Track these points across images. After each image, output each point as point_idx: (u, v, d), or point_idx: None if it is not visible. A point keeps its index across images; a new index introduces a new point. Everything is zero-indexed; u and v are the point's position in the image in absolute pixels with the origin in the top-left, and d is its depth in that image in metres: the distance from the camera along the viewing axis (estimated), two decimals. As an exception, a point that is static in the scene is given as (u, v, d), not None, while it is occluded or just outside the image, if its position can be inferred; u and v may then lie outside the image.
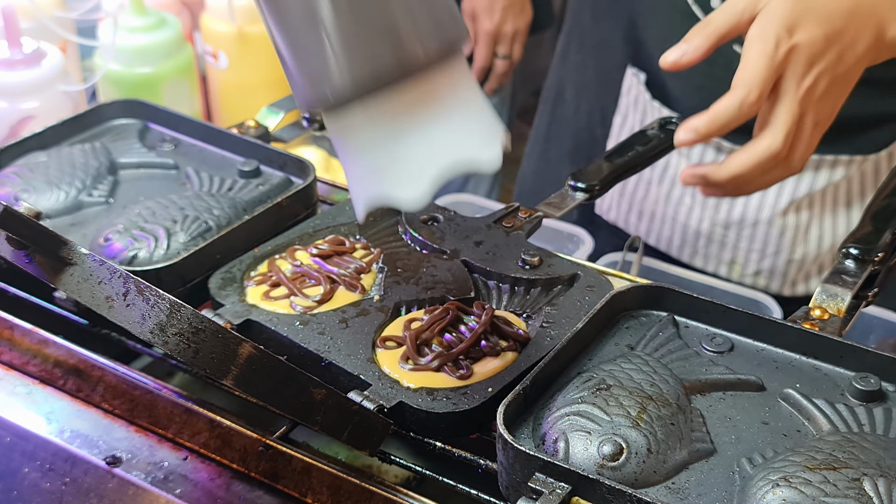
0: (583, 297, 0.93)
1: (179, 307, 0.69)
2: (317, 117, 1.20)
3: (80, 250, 0.75)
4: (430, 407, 0.82)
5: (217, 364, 0.71)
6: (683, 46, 0.95)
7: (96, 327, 0.98)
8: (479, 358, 0.87)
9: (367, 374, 0.85)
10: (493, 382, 0.84)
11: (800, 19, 0.92)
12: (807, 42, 0.93)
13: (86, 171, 1.08)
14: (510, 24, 1.95)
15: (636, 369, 0.82)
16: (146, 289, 0.70)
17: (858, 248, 0.94)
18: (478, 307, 0.91)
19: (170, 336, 0.69)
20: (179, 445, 0.89)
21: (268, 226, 1.02)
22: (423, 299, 0.93)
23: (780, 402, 0.82)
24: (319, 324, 0.90)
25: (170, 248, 0.97)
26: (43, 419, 0.93)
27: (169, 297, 0.69)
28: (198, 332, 0.69)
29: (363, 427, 0.79)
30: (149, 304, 0.70)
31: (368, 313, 0.92)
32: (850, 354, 0.84)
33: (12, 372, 0.98)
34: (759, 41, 0.92)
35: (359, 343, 0.88)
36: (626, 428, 0.76)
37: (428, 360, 0.86)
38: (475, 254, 0.98)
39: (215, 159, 1.14)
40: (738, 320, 0.88)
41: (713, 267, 1.38)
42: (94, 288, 0.73)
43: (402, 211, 1.02)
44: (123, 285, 0.72)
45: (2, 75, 1.38)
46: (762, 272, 1.35)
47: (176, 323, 0.69)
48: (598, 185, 0.98)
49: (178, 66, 1.51)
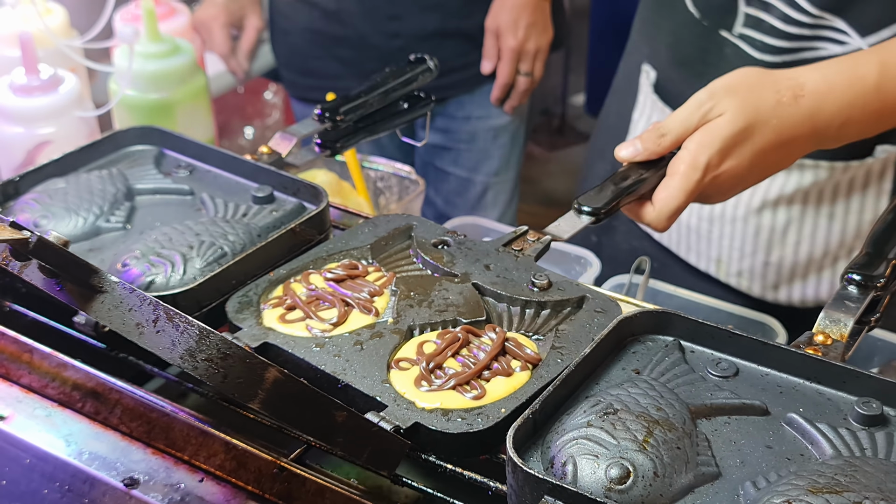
0: (592, 319, 0.95)
1: (208, 333, 0.71)
2: (328, 142, 1.23)
3: (110, 278, 0.77)
4: (446, 427, 0.84)
5: (244, 388, 0.73)
6: (638, 146, 1.01)
7: (114, 351, 1.00)
8: (492, 379, 0.89)
9: (382, 395, 0.87)
10: (507, 403, 0.86)
11: (736, 145, 0.98)
12: (733, 168, 0.99)
13: (103, 197, 1.10)
14: (533, 42, 1.98)
15: (643, 394, 0.84)
16: (175, 315, 0.72)
17: (861, 274, 0.95)
18: (490, 330, 0.93)
19: (199, 361, 0.71)
20: (195, 467, 0.91)
21: (282, 251, 1.04)
22: (435, 322, 0.95)
23: (784, 426, 0.84)
24: (335, 346, 0.92)
25: (186, 274, 0.99)
26: (62, 441, 0.95)
27: (198, 324, 0.71)
28: (226, 358, 0.71)
29: (382, 448, 0.81)
30: (178, 331, 0.72)
31: (382, 336, 0.94)
32: (852, 379, 0.86)
33: (32, 395, 1.00)
34: (690, 167, 0.98)
35: (374, 365, 0.90)
36: (633, 452, 0.77)
37: (443, 383, 0.88)
38: (485, 277, 1.01)
39: (230, 185, 1.16)
40: (743, 345, 0.90)
41: (704, 264, 1.40)
42: (124, 315, 0.75)
43: (412, 236, 1.05)
44: (153, 312, 0.74)
45: (19, 101, 1.41)
46: (743, 273, 1.37)
47: (205, 349, 0.71)
48: (604, 209, 1.00)
49: (192, 92, 1.54)
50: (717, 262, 1.38)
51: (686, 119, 1.00)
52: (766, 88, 1.00)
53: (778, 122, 0.99)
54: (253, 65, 2.13)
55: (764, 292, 1.38)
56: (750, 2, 1.24)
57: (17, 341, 1.01)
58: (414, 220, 1.08)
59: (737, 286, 1.39)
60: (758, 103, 0.99)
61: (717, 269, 1.39)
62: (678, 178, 0.98)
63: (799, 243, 1.33)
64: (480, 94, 2.02)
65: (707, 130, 0.98)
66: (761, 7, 1.23)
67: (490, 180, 2.11)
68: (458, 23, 1.97)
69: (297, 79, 2.10)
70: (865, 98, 1.02)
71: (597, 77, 3.79)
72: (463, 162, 2.08)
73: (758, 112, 0.98)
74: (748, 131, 0.98)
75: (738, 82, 1.00)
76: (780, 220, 1.33)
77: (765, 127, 0.99)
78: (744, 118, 0.98)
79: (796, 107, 0.99)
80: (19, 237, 0.77)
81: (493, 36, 1.97)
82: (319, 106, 1.23)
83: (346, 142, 1.24)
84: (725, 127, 0.98)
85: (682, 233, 1.41)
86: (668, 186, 0.99)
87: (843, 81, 1.02)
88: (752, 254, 1.35)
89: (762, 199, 1.32)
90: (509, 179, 2.15)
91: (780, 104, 0.99)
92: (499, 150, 2.09)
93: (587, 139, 3.97)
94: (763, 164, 1.01)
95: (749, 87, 0.99)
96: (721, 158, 0.98)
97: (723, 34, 1.27)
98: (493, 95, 2.01)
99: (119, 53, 1.54)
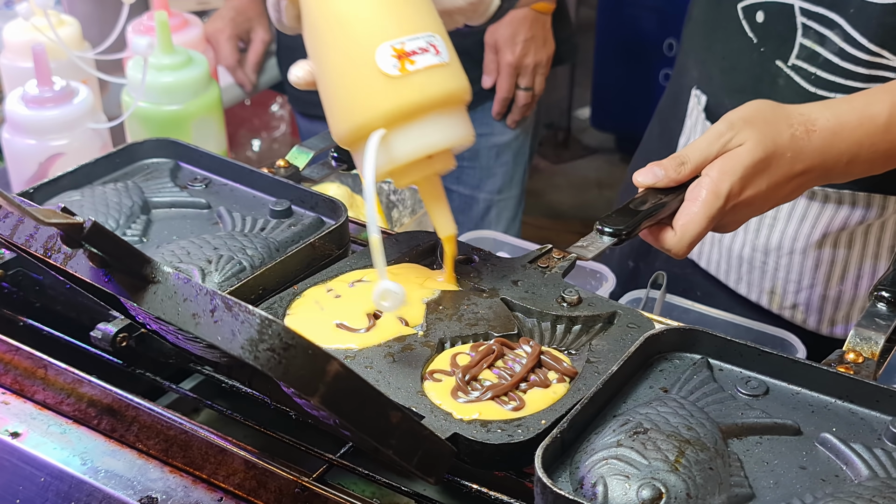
0: (625, 334, 0.95)
1: (270, 323, 0.68)
2: (344, 156, 1.21)
3: (163, 269, 0.75)
4: (486, 438, 0.83)
5: (306, 381, 0.70)
6: (658, 173, 1.00)
7: (130, 367, 0.99)
8: (529, 390, 0.88)
9: (419, 406, 0.86)
10: (547, 414, 0.85)
11: (756, 174, 0.99)
12: (750, 197, 1.00)
13: (119, 210, 1.09)
14: (531, 57, 1.97)
15: (672, 413, 0.82)
16: (235, 305, 0.70)
17: (890, 292, 0.94)
18: (524, 343, 0.93)
19: (260, 351, 0.68)
20: (214, 486, 0.90)
21: (301, 266, 1.02)
22: (467, 335, 0.94)
23: (818, 446, 0.82)
24: (366, 358, 0.92)
25: (204, 289, 0.98)
26: (78, 459, 0.93)
27: (259, 313, 0.69)
28: (288, 348, 0.69)
29: (432, 453, 0.79)
30: (238, 320, 0.69)
31: (414, 349, 0.93)
32: (885, 398, 0.85)
33: (46, 411, 0.98)
34: (712, 194, 0.98)
35: (407, 377, 0.90)
36: (665, 472, 0.76)
37: (480, 394, 0.87)
38: (514, 292, 1.00)
39: (246, 199, 1.15)
40: (773, 363, 0.89)
41: (756, 296, 1.38)
42: (178, 305, 0.73)
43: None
44: (210, 302, 0.71)
45: (32, 113, 1.40)
46: (798, 305, 1.35)
47: (267, 339, 0.68)
48: (626, 231, 0.99)
49: (206, 104, 1.53)
50: (769, 294, 1.36)
51: (706, 148, 1.00)
52: (781, 122, 1.01)
53: (793, 155, 1.00)
54: (260, 77, 2.13)
55: (819, 326, 1.36)
56: (807, 33, 1.21)
57: (32, 356, 1.00)
58: (435, 238, 1.07)
59: (790, 319, 1.36)
60: (775, 136, 0.99)
61: (770, 300, 1.37)
62: (700, 205, 0.98)
63: (860, 279, 1.31)
64: (482, 111, 2.00)
65: (728, 158, 0.98)
66: (818, 40, 1.20)
67: (493, 198, 2.09)
68: (459, 40, 1.96)
69: (301, 94, 2.09)
70: (874, 138, 1.03)
71: (602, 90, 3.79)
72: (466, 179, 2.07)
73: (776, 144, 0.99)
74: (766, 162, 0.99)
75: (754, 115, 1.01)
76: (841, 255, 1.31)
77: (781, 159, 0.99)
78: (763, 149, 0.98)
79: (808, 141, 1.01)
80: (73, 222, 0.74)
81: (491, 51, 1.96)
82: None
83: (363, 155, 1.23)
84: (746, 156, 0.98)
85: (732, 263, 1.39)
86: (690, 212, 0.98)
87: (853, 120, 1.02)
88: (810, 287, 1.33)
89: (823, 232, 1.30)
90: (513, 197, 2.13)
91: (794, 137, 1.00)
92: (502, 167, 2.07)
93: (593, 152, 4.01)
94: (776, 196, 1.02)
95: (765, 120, 1.00)
96: (742, 187, 0.98)
97: (778, 64, 1.25)
98: (493, 110, 2.00)
99: (132, 65, 1.53)
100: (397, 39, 0.90)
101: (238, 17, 2.06)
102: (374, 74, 0.89)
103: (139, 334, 0.97)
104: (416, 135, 0.91)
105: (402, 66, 0.89)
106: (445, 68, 0.92)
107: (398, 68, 0.89)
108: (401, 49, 0.89)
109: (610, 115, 3.81)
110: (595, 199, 3.70)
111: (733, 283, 1.40)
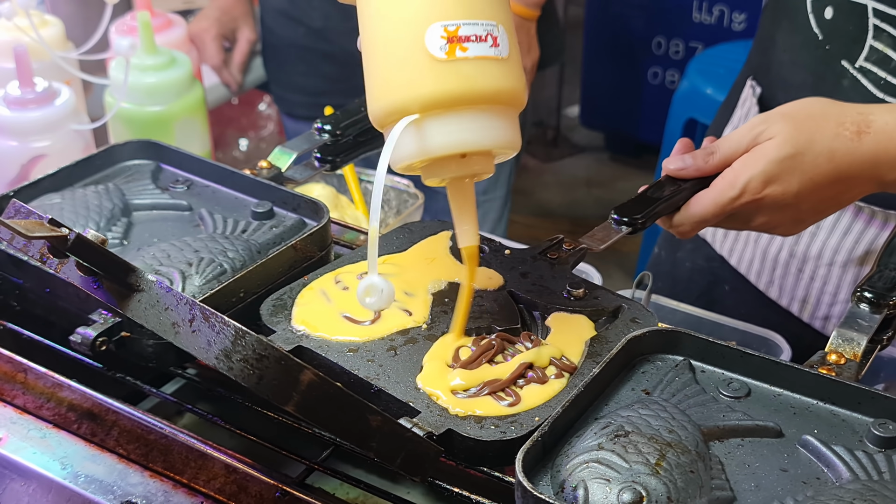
0: (628, 329, 0.94)
1: (244, 334, 0.70)
2: (327, 157, 1.21)
3: (147, 277, 0.77)
4: (479, 435, 0.83)
5: (280, 390, 0.71)
6: (688, 161, 0.98)
7: (111, 371, 0.98)
8: (526, 386, 0.88)
9: (416, 401, 0.86)
10: (541, 412, 0.85)
11: (783, 171, 0.94)
12: (779, 195, 0.95)
13: (100, 212, 1.08)
14: None
15: (654, 415, 0.82)
16: (211, 315, 0.71)
17: (873, 293, 0.94)
18: (525, 338, 0.93)
19: (234, 362, 0.70)
20: (195, 491, 0.89)
21: (283, 268, 1.02)
22: (469, 329, 0.94)
23: (799, 448, 0.82)
24: (368, 351, 0.92)
25: (185, 292, 0.97)
26: (57, 464, 0.93)
27: (234, 324, 0.70)
28: (262, 359, 0.70)
29: (416, 454, 0.79)
30: (214, 331, 0.71)
31: (417, 342, 0.93)
32: (867, 400, 0.84)
33: (26, 416, 0.98)
34: (728, 183, 0.96)
35: (407, 370, 0.90)
36: (646, 476, 0.76)
37: (478, 389, 0.87)
38: (521, 285, 1.00)
39: (228, 200, 1.14)
40: (755, 365, 0.88)
41: (786, 301, 1.33)
42: (160, 314, 0.74)
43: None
44: (189, 312, 0.72)
45: (13, 114, 1.39)
46: (831, 318, 1.30)
47: (241, 349, 0.70)
48: (642, 219, 0.98)
49: (189, 105, 1.52)
50: (801, 302, 1.32)
51: (738, 141, 0.97)
52: (829, 119, 0.95)
53: (833, 154, 0.94)
54: (246, 77, 2.12)
55: None
56: (879, 35, 1.14)
57: (12, 361, 0.99)
58: (448, 228, 1.07)
59: (821, 330, 1.31)
60: (813, 132, 0.94)
61: (802, 309, 1.32)
62: (713, 191, 0.96)
63: None
64: None
65: (754, 152, 0.95)
66: (891, 44, 1.13)
67: (477, 199, 2.08)
68: None
69: (285, 94, 2.09)
70: None
71: (591, 89, 3.79)
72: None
73: (811, 141, 0.94)
74: (797, 158, 0.94)
75: (797, 110, 0.97)
76: None
77: (818, 157, 0.94)
78: (792, 145, 0.94)
79: (857, 143, 0.94)
80: (58, 234, 0.76)
81: None
82: (319, 120, 1.21)
83: (346, 156, 1.22)
84: (771, 151, 0.94)
85: (766, 265, 1.34)
86: (702, 196, 0.97)
87: None
88: (846, 302, 1.27)
89: (866, 249, 1.24)
90: (498, 197, 2.13)
91: (838, 136, 0.94)
92: None
93: (582, 151, 4.00)
94: (817, 198, 0.96)
95: (808, 116, 0.95)
96: (764, 183, 0.95)
97: (844, 64, 1.17)
98: None
99: (115, 66, 1.52)
100: (452, 21, 0.81)
101: (223, 16, 2.05)
102: (419, 53, 0.81)
103: (119, 338, 0.96)
104: (454, 128, 0.83)
105: (451, 49, 0.81)
106: (500, 63, 0.83)
107: (446, 51, 0.81)
108: (454, 32, 0.81)
109: (599, 114, 3.81)
110: (584, 197, 3.70)
111: (764, 286, 1.35)
